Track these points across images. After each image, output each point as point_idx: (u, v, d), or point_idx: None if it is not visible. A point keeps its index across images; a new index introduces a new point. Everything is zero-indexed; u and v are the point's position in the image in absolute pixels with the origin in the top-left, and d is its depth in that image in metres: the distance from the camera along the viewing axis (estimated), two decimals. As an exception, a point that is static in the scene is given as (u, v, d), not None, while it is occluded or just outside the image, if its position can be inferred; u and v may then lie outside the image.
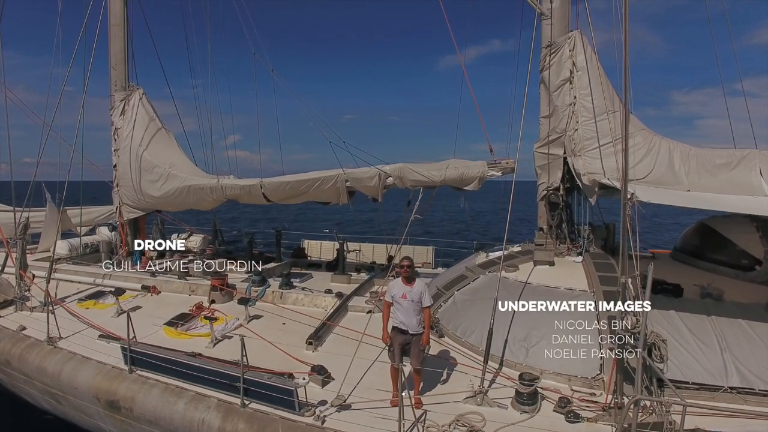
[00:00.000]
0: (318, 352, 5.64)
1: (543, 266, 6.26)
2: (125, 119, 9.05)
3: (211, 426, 4.51)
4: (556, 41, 6.82)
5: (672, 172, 6.22)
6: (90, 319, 6.65)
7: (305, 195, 7.97)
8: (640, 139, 6.41)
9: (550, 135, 6.81)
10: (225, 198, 8.43)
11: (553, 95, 6.80)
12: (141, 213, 9.31)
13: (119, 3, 9.12)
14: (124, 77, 9.27)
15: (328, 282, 8.07)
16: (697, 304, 5.26)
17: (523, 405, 4.39)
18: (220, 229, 11.29)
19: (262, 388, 4.48)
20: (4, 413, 7.35)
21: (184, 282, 7.69)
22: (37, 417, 6.88)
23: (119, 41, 9.14)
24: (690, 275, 5.92)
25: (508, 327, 5.28)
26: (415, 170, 7.19)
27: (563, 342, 5.05)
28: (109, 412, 5.23)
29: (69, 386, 5.46)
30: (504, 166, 6.94)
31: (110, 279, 8.02)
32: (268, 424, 4.35)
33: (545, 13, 6.91)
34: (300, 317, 6.51)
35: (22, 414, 7.14)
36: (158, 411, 4.83)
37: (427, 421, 4.26)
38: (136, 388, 5.03)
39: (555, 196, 6.83)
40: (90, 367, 5.45)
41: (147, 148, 8.86)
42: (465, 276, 6.51)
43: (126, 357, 5.25)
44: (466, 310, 5.96)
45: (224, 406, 4.57)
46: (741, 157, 6.05)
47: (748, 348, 4.68)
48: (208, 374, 4.76)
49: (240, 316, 6.53)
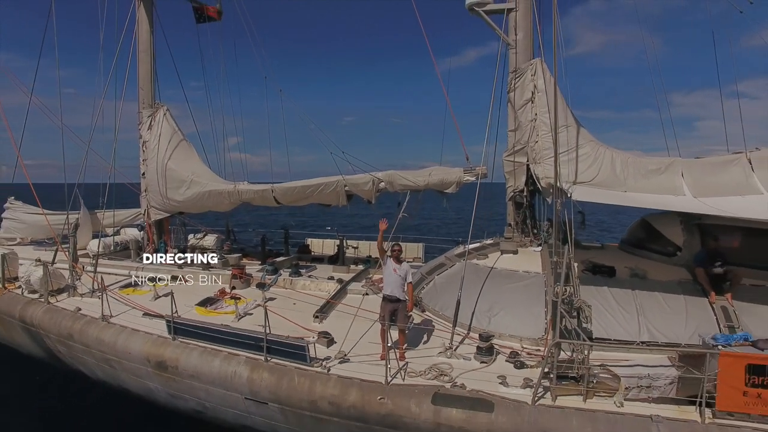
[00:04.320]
0: (323, 324, 6.95)
1: (508, 254, 7.60)
2: (152, 133, 10.39)
3: (241, 376, 5.81)
4: (520, 67, 8.18)
5: (614, 176, 7.52)
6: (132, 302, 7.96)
7: (310, 198, 9.29)
8: (588, 149, 7.72)
9: (515, 146, 8.16)
10: (240, 201, 9.75)
11: (518, 112, 8.14)
12: (166, 215, 10.63)
13: (146, 33, 10.48)
14: (150, 96, 10.62)
15: (330, 272, 9.40)
16: (626, 281, 6.59)
17: (482, 356, 5.72)
18: (232, 229, 12.63)
19: (281, 347, 5.79)
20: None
21: (208, 272, 9.00)
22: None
23: (146, 65, 10.49)
24: (627, 260, 7.25)
25: (476, 301, 6.61)
26: (402, 176, 8.51)
27: (518, 311, 6.41)
28: (157, 371, 6.51)
29: (123, 352, 6.75)
30: (477, 172, 8.25)
31: (143, 270, 9.33)
32: (285, 373, 5.65)
33: (511, 44, 8.27)
34: (307, 298, 7.85)
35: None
36: (198, 368, 6.13)
37: (408, 368, 5.57)
38: (180, 351, 6.33)
39: (520, 197, 8.17)
40: (140, 337, 6.74)
41: (171, 158, 10.19)
42: (444, 264, 7.85)
43: (170, 328, 6.55)
44: (443, 290, 7.28)
45: (251, 362, 5.87)
46: (668, 164, 7.37)
47: (659, 313, 6.01)
48: (238, 338, 6.07)
49: (257, 299, 7.84)
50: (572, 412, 4.73)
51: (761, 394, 4.38)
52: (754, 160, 6.94)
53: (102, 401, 8.27)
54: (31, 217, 11.66)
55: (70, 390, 8.73)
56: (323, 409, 5.37)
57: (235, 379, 5.85)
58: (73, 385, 8.68)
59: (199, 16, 11.70)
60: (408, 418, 5.01)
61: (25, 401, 8.53)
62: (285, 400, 5.57)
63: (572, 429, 4.62)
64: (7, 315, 8.34)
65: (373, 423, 5.19)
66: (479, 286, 6.84)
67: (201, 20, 11.72)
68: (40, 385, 9.03)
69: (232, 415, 6.27)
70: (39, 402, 8.50)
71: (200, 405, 6.50)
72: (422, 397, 5.04)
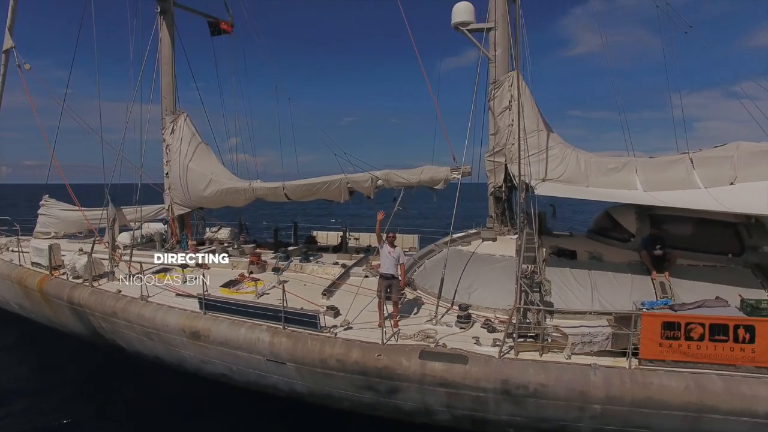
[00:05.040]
0: (330, 300, 8.20)
1: (488, 241, 8.85)
2: (174, 137, 11.62)
3: (263, 341, 7.06)
4: (499, 79, 9.37)
5: (579, 173, 8.73)
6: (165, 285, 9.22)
7: (316, 194, 10.51)
8: (557, 150, 8.93)
9: (495, 148, 9.37)
10: (254, 197, 10.98)
11: (497, 118, 9.35)
12: (187, 210, 11.88)
13: (168, 48, 11.68)
14: (172, 104, 11.83)
15: (335, 259, 10.65)
16: (585, 263, 7.83)
17: (461, 323, 6.97)
18: (244, 223, 13.89)
19: (296, 317, 7.05)
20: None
21: (228, 258, 10.25)
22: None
23: (168, 77, 11.70)
24: (589, 245, 8.49)
25: (458, 280, 7.86)
26: (398, 174, 9.72)
27: (493, 288, 7.66)
28: (191, 341, 7.77)
29: (162, 325, 8.01)
30: (462, 171, 9.46)
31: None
32: (300, 338, 6.90)
33: (491, 58, 9.46)
34: (316, 280, 9.11)
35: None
36: (227, 336, 7.37)
37: (401, 333, 6.81)
38: (211, 322, 7.59)
39: (499, 192, 9.39)
40: (176, 312, 7.99)
41: (192, 159, 11.43)
42: (433, 250, 9.10)
43: (201, 304, 7.80)
44: (432, 272, 8.53)
45: (271, 329, 7.11)
46: (625, 163, 8.58)
47: (609, 288, 7.25)
48: (261, 311, 7.33)
49: (272, 281, 9.10)
50: (530, 363, 5.98)
51: (672, 345, 5.62)
52: (695, 160, 8.16)
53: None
54: (64, 213, 12.93)
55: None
56: (331, 365, 6.61)
57: (258, 344, 7.10)
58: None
59: (214, 30, 12.90)
60: (400, 371, 6.25)
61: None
62: (300, 360, 6.82)
63: (529, 376, 5.86)
64: (55, 297, 9.61)
65: (372, 375, 6.44)
66: (462, 268, 8.09)
67: (215, 33, 12.92)
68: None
69: (255, 375, 7.52)
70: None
71: (227, 369, 7.76)
72: (411, 354, 6.29)
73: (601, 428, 5.86)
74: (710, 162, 8.07)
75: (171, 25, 11.71)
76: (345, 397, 6.85)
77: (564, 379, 5.76)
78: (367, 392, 6.60)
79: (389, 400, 6.54)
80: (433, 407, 6.38)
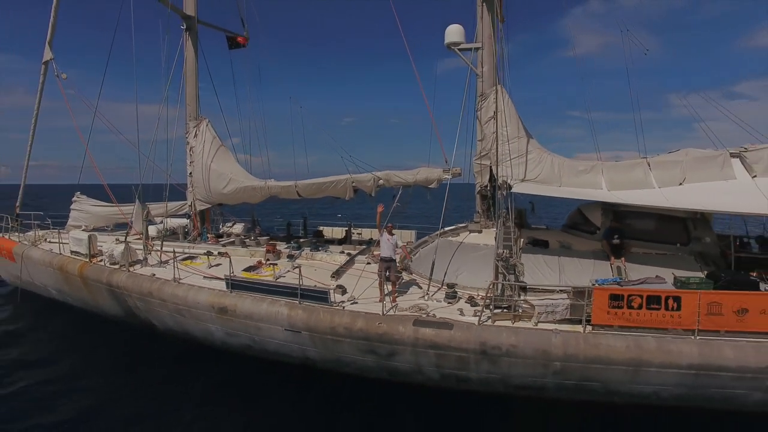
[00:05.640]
0: (338, 281, 9.54)
1: (474, 233, 10.20)
2: (197, 140, 12.98)
3: (282, 314, 8.37)
4: (485, 92, 10.74)
5: (553, 175, 10.08)
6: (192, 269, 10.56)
7: (325, 192, 11.85)
8: (535, 155, 10.28)
9: (481, 152, 10.73)
10: (269, 194, 12.33)
11: (483, 126, 10.71)
12: (208, 206, 13.23)
13: (192, 61, 13.06)
14: (195, 111, 13.21)
15: (341, 249, 11.99)
16: (555, 251, 9.19)
17: (449, 299, 8.31)
18: (257, 219, 15.24)
19: (310, 293, 8.38)
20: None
21: (246, 249, 11.60)
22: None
23: (192, 87, 13.08)
24: (560, 237, 9.84)
25: (447, 264, 9.20)
26: (397, 175, 11.06)
27: (476, 271, 8.99)
28: (218, 315, 9.08)
29: (193, 303, 9.32)
30: (453, 172, 10.80)
31: (194, 249, 11.93)
32: (313, 311, 8.22)
33: (479, 74, 10.83)
34: (324, 266, 10.45)
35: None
36: (251, 310, 8.69)
37: (398, 307, 8.15)
38: (236, 299, 8.91)
39: (484, 191, 10.74)
40: (205, 291, 9.32)
41: (213, 160, 12.79)
42: (426, 240, 10.46)
43: (228, 284, 9.13)
44: (425, 258, 9.87)
45: (289, 304, 8.43)
46: (592, 166, 9.94)
47: (574, 271, 8.59)
48: (280, 289, 8.66)
49: (287, 267, 10.44)
50: (503, 329, 7.31)
51: (617, 313, 6.95)
52: (652, 163, 9.52)
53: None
54: (94, 209, 14.27)
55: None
56: (340, 332, 7.94)
57: (278, 316, 8.43)
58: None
59: (231, 44, 14.29)
60: (397, 336, 7.58)
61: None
62: (313, 329, 8.14)
63: (502, 339, 7.19)
64: (95, 281, 10.93)
65: (374, 340, 7.76)
66: (451, 255, 9.44)
67: (233, 47, 14.31)
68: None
69: (275, 344, 8.83)
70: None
71: (250, 340, 9.07)
72: (407, 322, 7.62)
73: (562, 383, 7.19)
74: (664, 165, 9.43)
75: (195, 41, 13.09)
76: (351, 360, 8.17)
77: (531, 341, 7.09)
78: (369, 355, 7.93)
79: (388, 362, 7.86)
80: (424, 367, 7.70)
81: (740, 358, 6.56)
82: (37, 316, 12.96)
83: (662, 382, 6.82)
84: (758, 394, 6.62)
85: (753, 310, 6.67)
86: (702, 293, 6.84)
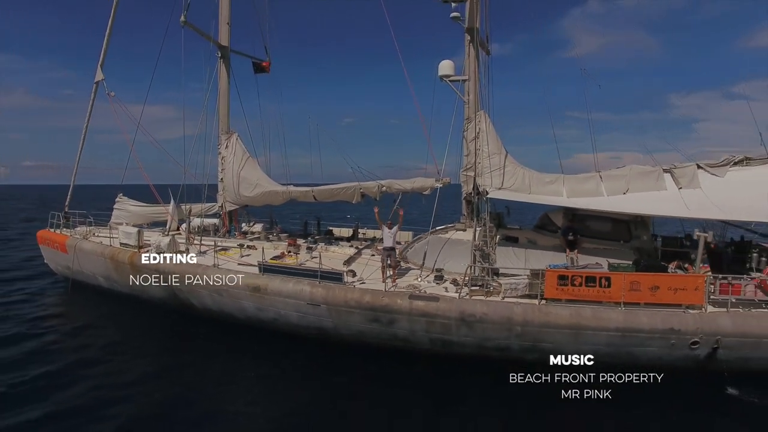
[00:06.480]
0: (349, 267, 11.76)
1: (460, 231, 12.46)
2: (228, 151, 15.28)
3: (305, 291, 10.56)
4: (470, 116, 13.06)
5: (524, 185, 12.34)
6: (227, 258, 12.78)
7: (337, 196, 14.12)
8: (510, 168, 12.56)
9: (467, 165, 13.03)
10: (289, 198, 14.60)
11: (468, 144, 13.01)
12: (236, 207, 15.50)
13: (225, 83, 15.43)
14: (227, 126, 15.54)
15: (349, 244, 14.24)
16: (523, 245, 11.46)
17: (437, 280, 10.54)
18: (275, 219, 17.50)
19: (328, 274, 10.61)
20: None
21: (270, 242, 13.83)
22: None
23: (224, 106, 15.43)
24: (529, 235, 12.11)
25: (437, 255, 11.44)
26: (397, 183, 13.33)
27: (460, 260, 11.22)
28: (252, 293, 11.25)
29: (231, 282, 11.53)
30: (443, 181, 13.05)
31: (225, 242, 14.16)
32: (330, 288, 10.42)
33: (466, 101, 13.18)
34: (337, 256, 12.69)
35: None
36: (279, 288, 10.89)
37: (397, 286, 10.36)
38: (267, 279, 11.10)
39: (469, 197, 13.01)
40: (241, 274, 11.52)
41: (243, 168, 15.09)
42: (421, 237, 12.71)
43: (260, 268, 11.35)
44: (420, 251, 12.12)
45: (311, 283, 10.61)
46: (556, 178, 12.22)
47: (536, 260, 10.83)
48: (304, 271, 10.89)
49: (305, 257, 12.67)
50: (478, 301, 9.51)
51: (564, 289, 9.17)
52: (603, 177, 11.81)
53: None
54: (134, 208, 16.51)
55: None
56: (351, 305, 10.13)
57: (301, 293, 10.62)
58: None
59: (257, 69, 16.66)
60: (396, 307, 9.77)
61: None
62: (330, 302, 10.32)
63: (476, 309, 9.39)
64: (144, 267, 13.12)
65: (378, 311, 9.94)
66: (440, 248, 11.69)
67: (258, 71, 16.68)
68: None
69: (296, 317, 11.00)
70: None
71: (276, 314, 11.24)
72: (404, 296, 9.83)
73: (522, 344, 9.38)
74: (612, 178, 11.72)
75: (228, 66, 15.47)
76: (359, 328, 10.34)
77: (498, 311, 9.29)
78: (374, 323, 10.11)
79: (389, 328, 10.04)
80: (417, 332, 9.88)
81: (652, 322, 8.77)
82: (88, 300, 15.10)
83: (596, 341, 9.02)
84: (665, 350, 8.82)
85: (662, 287, 8.91)
86: (626, 275, 9.09)
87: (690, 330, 8.69)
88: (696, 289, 8.91)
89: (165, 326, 13.01)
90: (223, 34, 15.47)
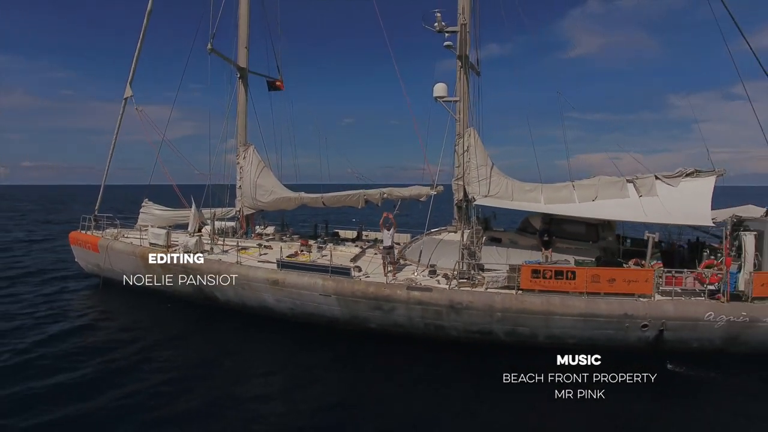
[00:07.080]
0: (355, 263, 13.52)
1: (451, 233, 14.26)
2: (246, 161, 17.08)
3: (318, 283, 12.30)
4: (461, 132, 14.88)
5: (507, 193, 14.13)
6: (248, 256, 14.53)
7: (343, 202, 15.90)
8: (495, 178, 14.35)
9: (458, 175, 14.84)
10: (301, 204, 16.37)
11: (459, 157, 14.82)
12: (252, 211, 17.27)
13: (243, 99, 17.25)
14: (245, 138, 17.34)
15: (355, 244, 16.01)
16: (505, 244, 13.25)
17: (431, 274, 12.32)
18: (286, 222, 19.28)
19: (338, 269, 12.37)
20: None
21: (284, 243, 15.60)
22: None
23: (243, 120, 17.24)
24: (511, 236, 13.90)
25: (431, 253, 13.22)
26: (397, 191, 15.11)
27: (451, 257, 12.99)
28: (271, 286, 12.99)
29: (252, 278, 13.25)
30: (437, 190, 14.82)
31: (244, 243, 15.91)
32: (340, 281, 12.16)
33: (457, 120, 15.01)
34: (344, 255, 14.46)
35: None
36: (295, 281, 12.63)
37: (396, 279, 12.12)
38: (285, 274, 12.85)
39: (460, 203, 14.81)
40: (261, 269, 13.25)
41: (259, 177, 16.87)
42: (418, 238, 14.51)
43: (278, 264, 13.10)
44: (416, 249, 13.91)
45: (323, 276, 12.36)
46: (535, 187, 14.02)
47: (516, 257, 12.60)
48: (317, 267, 12.65)
49: (316, 255, 14.43)
50: (465, 291, 11.27)
51: (537, 281, 10.93)
52: (576, 186, 13.61)
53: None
54: (159, 212, 18.25)
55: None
56: (357, 295, 11.87)
57: (315, 285, 12.35)
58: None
59: (271, 87, 18.50)
60: (395, 296, 11.52)
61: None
62: (339, 293, 12.06)
63: (464, 297, 11.13)
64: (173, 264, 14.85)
65: (380, 300, 11.69)
66: (434, 247, 13.47)
67: (271, 89, 18.52)
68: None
69: (311, 306, 12.72)
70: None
71: (293, 304, 12.97)
72: (402, 287, 11.58)
73: (502, 328, 11.12)
74: (583, 187, 13.51)
75: (246, 85, 17.30)
76: (365, 315, 12.07)
77: (482, 299, 11.05)
78: (377, 311, 11.85)
79: (390, 315, 11.78)
80: (413, 318, 11.62)
81: (610, 308, 10.52)
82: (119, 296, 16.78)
83: (563, 325, 10.76)
84: (620, 332, 10.56)
85: (618, 279, 10.69)
86: (588, 269, 10.88)
87: (641, 315, 10.44)
88: (646, 281, 10.68)
89: (190, 318, 14.67)
90: (242, 56, 17.29)
